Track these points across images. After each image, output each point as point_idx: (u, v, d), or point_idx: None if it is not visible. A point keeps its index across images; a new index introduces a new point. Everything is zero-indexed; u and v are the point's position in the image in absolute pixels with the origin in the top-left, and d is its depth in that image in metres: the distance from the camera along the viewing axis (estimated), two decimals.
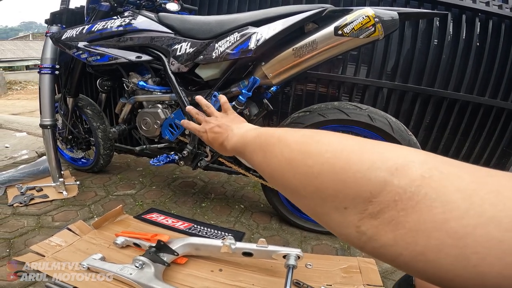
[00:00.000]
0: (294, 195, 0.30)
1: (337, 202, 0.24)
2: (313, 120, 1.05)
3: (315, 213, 0.28)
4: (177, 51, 1.06)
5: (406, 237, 0.19)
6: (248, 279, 0.96)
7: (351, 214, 0.23)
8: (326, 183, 0.25)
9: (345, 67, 1.43)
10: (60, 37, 1.23)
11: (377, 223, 0.21)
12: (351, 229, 0.24)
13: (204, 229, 1.23)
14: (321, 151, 0.27)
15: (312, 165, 0.27)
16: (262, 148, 0.36)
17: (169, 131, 1.17)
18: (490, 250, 0.16)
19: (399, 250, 0.20)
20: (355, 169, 0.23)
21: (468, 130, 1.44)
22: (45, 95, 1.33)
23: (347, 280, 0.97)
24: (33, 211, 1.30)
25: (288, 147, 0.31)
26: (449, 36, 1.32)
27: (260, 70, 0.98)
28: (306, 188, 0.27)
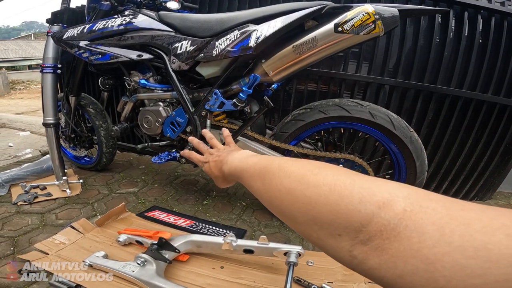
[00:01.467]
0: (291, 221, 0.33)
1: (331, 230, 0.28)
2: (314, 117, 1.05)
3: (311, 238, 0.31)
4: (178, 49, 1.06)
5: (389, 262, 0.22)
6: (250, 276, 0.97)
7: (344, 240, 0.26)
8: (322, 213, 0.28)
9: (347, 64, 1.42)
10: (61, 36, 1.23)
11: (366, 249, 0.24)
12: (344, 253, 0.27)
13: (205, 227, 1.23)
14: (318, 184, 0.30)
15: (310, 196, 0.30)
16: (262, 175, 0.39)
17: (171, 128, 1.17)
18: (455, 274, 0.19)
19: (382, 273, 0.23)
20: (347, 202, 0.27)
21: (471, 127, 1.43)
22: (47, 94, 1.34)
23: (348, 278, 0.97)
24: (37, 209, 1.32)
25: (288, 177, 0.34)
26: (451, 33, 1.31)
27: (261, 68, 0.98)
28: (304, 216, 0.30)
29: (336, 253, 0.28)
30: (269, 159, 0.41)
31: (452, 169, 1.56)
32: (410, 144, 1.03)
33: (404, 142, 1.02)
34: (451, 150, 1.50)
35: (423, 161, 1.06)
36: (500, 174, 1.58)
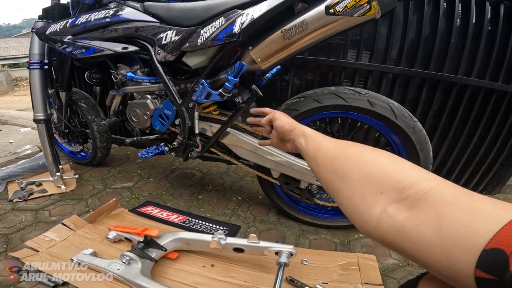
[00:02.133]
0: (341, 178, 0.42)
1: (377, 187, 0.36)
2: (308, 106, 0.99)
3: (352, 194, 0.39)
4: (163, 40, 1.01)
5: (413, 215, 0.31)
6: (241, 275, 0.93)
7: (383, 198, 0.35)
8: (377, 172, 0.38)
9: (346, 51, 1.34)
10: (44, 32, 1.21)
11: (399, 206, 0.33)
12: (377, 208, 0.35)
13: (198, 223, 1.20)
14: (381, 152, 0.43)
15: (373, 157, 0.41)
16: (332, 146, 0.51)
17: (159, 121, 1.13)
18: (453, 224, 0.27)
19: (406, 223, 0.31)
20: (400, 169, 0.37)
21: (479, 117, 1.34)
22: (36, 90, 1.32)
23: (344, 278, 0.92)
24: (31, 206, 1.31)
25: (356, 148, 0.46)
26: (458, 19, 1.21)
27: (248, 55, 0.91)
28: (360, 173, 0.40)
29: (369, 209, 0.36)
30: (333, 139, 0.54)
31: (460, 161, 1.47)
32: (413, 135, 0.95)
33: (407, 132, 0.94)
34: (459, 142, 1.41)
35: (427, 154, 0.98)
36: (510, 167, 1.49)
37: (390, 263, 1.00)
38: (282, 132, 0.68)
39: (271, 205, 1.30)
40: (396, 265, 1.00)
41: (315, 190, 1.15)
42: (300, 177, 1.04)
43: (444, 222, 0.28)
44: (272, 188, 1.19)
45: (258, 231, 1.17)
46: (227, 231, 1.14)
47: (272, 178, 1.11)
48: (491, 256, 0.23)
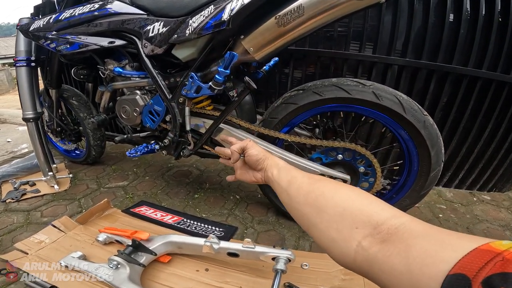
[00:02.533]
0: (316, 215, 0.45)
1: (352, 223, 0.39)
2: (308, 100, 0.91)
3: (328, 229, 0.42)
4: (150, 33, 0.95)
5: (385, 248, 0.34)
6: (236, 280, 0.88)
7: (358, 233, 0.38)
8: (352, 209, 0.41)
9: (349, 42, 1.26)
10: (28, 28, 1.17)
11: (373, 240, 0.36)
12: (354, 242, 0.37)
13: (193, 224, 1.14)
14: (358, 191, 0.46)
15: (348, 195, 0.44)
16: (307, 182, 0.53)
17: (150, 118, 1.07)
18: (422, 257, 0.29)
19: (378, 255, 0.34)
20: (374, 206, 0.40)
21: (491, 111, 1.27)
22: (23, 87, 1.28)
23: (346, 284, 0.86)
24: (24, 206, 1.28)
25: (328, 186, 0.49)
26: (467, 9, 1.15)
27: (240, 45, 0.84)
28: (335, 209, 0.43)
29: (346, 243, 0.38)
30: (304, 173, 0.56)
31: (470, 157, 1.39)
32: (423, 130, 0.87)
33: (417, 127, 0.87)
34: (469, 136, 1.34)
35: (439, 150, 0.90)
36: None
37: None
38: (254, 161, 0.67)
39: (270, 204, 1.24)
40: None
41: None
42: None
43: (412, 252, 0.30)
44: (270, 188, 1.12)
45: (256, 232, 1.11)
46: (223, 233, 1.09)
47: None
48: (454, 280, 0.25)
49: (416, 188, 0.96)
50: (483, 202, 1.40)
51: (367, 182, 1.00)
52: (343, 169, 0.99)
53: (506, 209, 1.34)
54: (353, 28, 1.25)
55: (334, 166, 0.99)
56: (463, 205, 1.36)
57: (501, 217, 1.28)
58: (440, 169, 0.92)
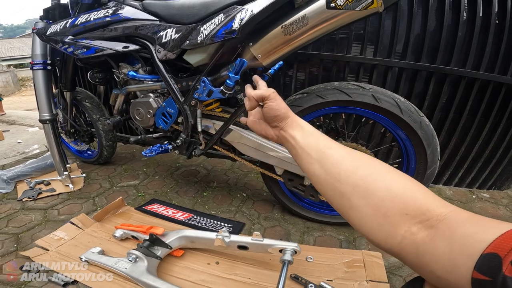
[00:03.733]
0: (368, 195, 0.42)
1: (403, 209, 0.38)
2: (312, 102, 0.97)
3: (375, 212, 0.40)
4: (163, 38, 1.00)
5: (432, 233, 0.34)
6: (245, 272, 0.93)
7: (407, 219, 0.37)
8: (405, 195, 0.39)
9: (350, 46, 1.32)
10: (45, 32, 1.22)
11: (421, 226, 0.35)
12: (402, 228, 0.37)
13: (203, 220, 1.20)
14: (411, 180, 0.43)
15: (404, 181, 0.42)
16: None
17: (163, 120, 1.13)
18: (463, 240, 0.31)
19: (426, 238, 0.34)
20: (426, 195, 0.39)
21: (488, 111, 1.32)
22: (40, 90, 1.34)
23: (349, 275, 0.91)
24: (40, 205, 1.33)
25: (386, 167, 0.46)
26: (464, 13, 1.19)
27: (249, 52, 0.90)
28: (389, 193, 0.40)
29: (391, 228, 0.38)
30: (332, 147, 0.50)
31: (469, 155, 1.44)
32: (419, 130, 0.93)
33: (413, 127, 0.92)
34: (467, 136, 1.38)
35: (435, 149, 0.96)
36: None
37: (396, 260, 0.99)
38: (271, 116, 0.57)
39: (276, 202, 1.30)
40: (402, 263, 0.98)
41: None
42: (303, 174, 1.03)
43: (456, 234, 0.32)
44: (276, 185, 1.18)
45: (262, 228, 1.17)
46: (232, 229, 1.15)
47: (276, 175, 1.10)
48: (487, 259, 0.27)
49: None
50: (482, 199, 1.44)
51: None
52: None
53: (504, 207, 1.38)
54: (354, 31, 1.29)
55: None
56: (462, 203, 1.41)
57: (499, 214, 1.32)
58: (436, 167, 0.98)
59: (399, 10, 1.23)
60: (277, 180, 1.14)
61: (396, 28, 1.25)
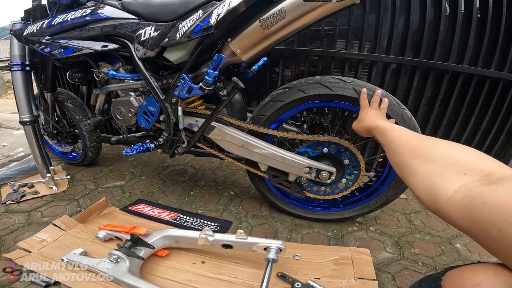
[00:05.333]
0: (423, 160, 0.46)
1: (461, 170, 0.39)
2: (293, 97, 0.96)
3: (431, 173, 0.43)
4: (142, 36, 0.99)
5: (491, 188, 0.34)
6: (231, 271, 0.92)
7: (466, 178, 0.37)
8: (466, 157, 0.42)
9: (335, 41, 1.31)
10: (22, 33, 1.20)
11: (480, 183, 0.35)
12: (457, 184, 0.37)
13: (190, 219, 1.19)
14: (464, 146, 0.46)
15: (460, 147, 0.45)
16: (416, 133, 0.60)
17: (144, 119, 1.11)
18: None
19: (484, 192, 0.33)
20: (487, 158, 0.40)
21: (473, 104, 1.33)
22: (19, 91, 1.31)
23: (337, 273, 0.90)
24: (24, 207, 1.31)
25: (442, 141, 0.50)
26: (446, 6, 1.20)
27: (228, 47, 0.89)
28: (443, 157, 0.44)
29: (447, 183, 0.39)
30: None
31: None
32: (401, 123, 0.92)
33: (395, 120, 0.92)
34: (453, 129, 1.39)
35: None
36: (507, 154, 1.47)
37: (385, 257, 0.99)
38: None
39: (263, 199, 1.29)
40: (391, 259, 0.98)
41: (305, 183, 1.13)
42: (287, 170, 1.02)
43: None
44: (262, 182, 1.17)
45: (250, 226, 1.16)
46: (218, 227, 1.14)
47: (261, 172, 1.09)
48: None
49: (398, 179, 1.02)
50: None
51: (352, 174, 1.05)
52: (329, 162, 1.04)
53: None
54: (339, 27, 1.29)
55: (321, 159, 1.04)
56: None
57: None
58: None
59: (382, 5, 1.23)
60: (263, 177, 1.13)
61: (379, 23, 1.25)
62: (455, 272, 0.36)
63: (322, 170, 0.99)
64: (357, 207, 1.12)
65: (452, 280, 0.35)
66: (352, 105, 0.95)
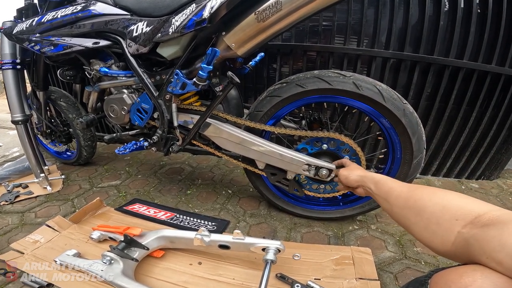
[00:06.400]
0: (416, 212, 0.51)
1: (453, 215, 0.43)
2: (291, 92, 0.93)
3: (428, 224, 0.47)
4: (134, 32, 0.96)
5: (484, 232, 0.36)
6: (229, 272, 0.90)
7: (458, 224, 0.41)
8: (453, 203, 0.46)
9: (333, 37, 1.29)
10: (11, 31, 1.18)
11: (472, 226, 0.39)
12: (455, 230, 0.41)
13: (186, 219, 1.16)
14: (451, 193, 0.50)
15: (449, 193, 0.49)
16: (405, 184, 0.62)
17: (138, 116, 1.08)
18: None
19: (478, 236, 0.37)
20: (473, 201, 0.44)
21: (474, 100, 1.31)
22: (11, 90, 1.29)
23: (338, 273, 0.88)
24: (18, 208, 1.29)
25: (434, 189, 0.54)
26: (446, 2, 1.18)
27: (223, 42, 0.86)
28: (434, 206, 0.48)
29: (445, 232, 0.42)
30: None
31: (456, 145, 1.43)
32: (403, 118, 0.89)
33: (397, 115, 0.89)
34: (454, 125, 1.36)
35: (420, 138, 0.93)
36: (508, 150, 1.45)
37: (386, 256, 0.96)
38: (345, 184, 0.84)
39: (261, 198, 1.26)
40: (393, 258, 0.96)
41: (304, 181, 1.11)
42: (286, 167, 1.00)
43: (509, 226, 0.34)
44: (260, 180, 1.15)
45: (248, 225, 1.13)
46: (216, 227, 1.11)
47: (258, 170, 1.06)
48: None
49: (401, 175, 0.99)
50: (472, 190, 1.43)
51: None
52: (329, 158, 1.01)
53: (494, 197, 1.37)
54: (338, 22, 1.27)
55: (320, 156, 1.01)
56: None
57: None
58: (422, 156, 0.95)
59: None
60: (261, 175, 1.10)
61: (378, 18, 1.23)
62: (441, 275, 0.38)
63: (321, 167, 0.96)
64: (358, 205, 1.09)
65: (438, 283, 0.37)
66: (351, 100, 0.92)
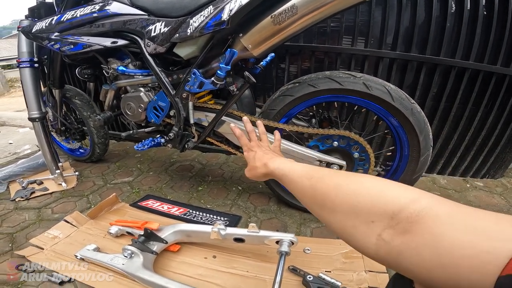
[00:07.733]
0: (330, 211, 0.41)
1: (367, 217, 0.35)
2: (303, 91, 0.97)
3: (345, 227, 0.39)
4: (152, 32, 1.00)
5: (409, 239, 0.30)
6: (242, 265, 0.93)
7: (376, 226, 0.34)
8: (362, 203, 0.37)
9: (341, 37, 1.32)
10: (30, 30, 1.21)
11: (393, 231, 0.32)
12: (373, 237, 0.34)
13: (199, 214, 1.20)
14: (362, 181, 0.40)
15: (354, 188, 0.39)
16: (311, 175, 0.49)
17: (154, 114, 1.12)
18: (450, 245, 0.26)
19: (402, 247, 0.30)
20: (386, 195, 0.35)
21: (480, 100, 1.33)
22: (28, 88, 1.32)
23: (348, 266, 0.91)
24: (33, 204, 1.32)
25: (337, 175, 0.44)
26: (452, 4, 1.20)
27: (239, 43, 0.89)
28: (345, 205, 0.39)
29: (363, 239, 0.35)
30: (315, 167, 0.52)
31: (461, 144, 1.45)
32: (411, 117, 0.93)
33: (405, 114, 0.93)
34: (459, 125, 1.39)
35: (427, 136, 0.96)
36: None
37: None
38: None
39: (271, 194, 1.30)
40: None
41: None
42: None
43: (442, 243, 0.27)
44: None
45: (259, 221, 1.17)
46: (228, 222, 1.15)
47: None
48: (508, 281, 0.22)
49: (408, 172, 1.02)
50: (476, 188, 1.45)
51: (361, 168, 1.06)
52: (339, 155, 1.05)
53: (499, 195, 1.39)
54: (345, 23, 1.29)
55: (331, 152, 1.05)
56: (457, 192, 1.41)
57: (494, 202, 1.33)
58: (429, 153, 0.98)
59: (388, 1, 1.24)
60: None
61: (386, 19, 1.25)
62: None
63: (332, 164, 1.00)
64: None
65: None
66: (362, 99, 0.96)
